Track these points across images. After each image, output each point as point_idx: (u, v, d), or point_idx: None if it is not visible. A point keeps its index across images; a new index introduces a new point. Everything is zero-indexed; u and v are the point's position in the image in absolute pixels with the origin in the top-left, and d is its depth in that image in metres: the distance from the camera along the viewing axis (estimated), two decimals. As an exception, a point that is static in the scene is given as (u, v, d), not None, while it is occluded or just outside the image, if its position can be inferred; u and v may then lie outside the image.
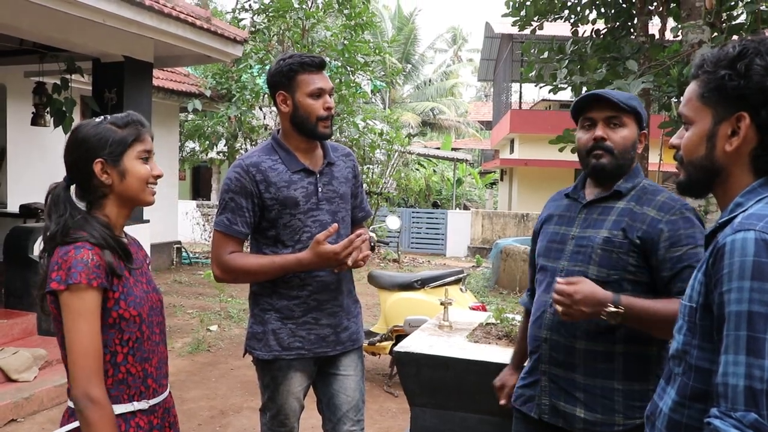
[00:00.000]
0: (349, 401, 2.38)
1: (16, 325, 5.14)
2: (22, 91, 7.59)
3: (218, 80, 10.68)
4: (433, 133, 31.34)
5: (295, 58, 2.25)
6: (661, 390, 1.32)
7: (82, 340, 1.50)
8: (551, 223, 1.98)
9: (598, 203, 1.89)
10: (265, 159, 2.29)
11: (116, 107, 6.05)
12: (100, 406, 1.50)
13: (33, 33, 5.55)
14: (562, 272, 1.84)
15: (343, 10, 10.41)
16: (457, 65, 35.46)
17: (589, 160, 1.86)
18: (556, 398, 1.83)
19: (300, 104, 2.25)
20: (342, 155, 2.47)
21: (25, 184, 8.06)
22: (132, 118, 1.67)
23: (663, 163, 10.11)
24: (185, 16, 5.87)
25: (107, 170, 1.62)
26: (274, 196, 2.25)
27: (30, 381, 4.51)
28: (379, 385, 5.08)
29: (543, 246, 1.97)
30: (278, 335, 2.30)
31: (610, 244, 1.79)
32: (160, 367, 1.71)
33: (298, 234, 2.28)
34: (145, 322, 1.64)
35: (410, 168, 18.54)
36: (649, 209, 1.81)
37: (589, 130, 1.86)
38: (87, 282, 1.50)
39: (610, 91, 1.87)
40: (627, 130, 1.84)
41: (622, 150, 1.83)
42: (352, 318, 2.42)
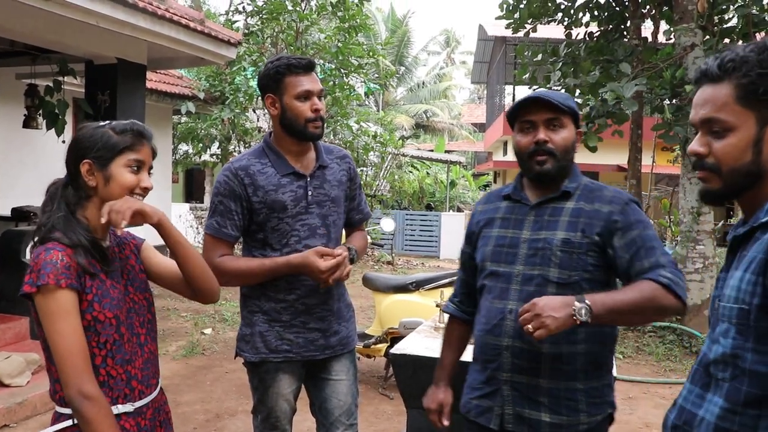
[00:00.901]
0: (342, 405, 2.37)
1: (8, 330, 5.11)
2: (14, 94, 7.54)
3: (211, 82, 10.64)
4: (427, 136, 31.36)
5: (282, 61, 2.25)
6: (696, 398, 1.26)
7: (65, 340, 1.50)
8: (493, 227, 1.94)
9: (546, 204, 1.87)
10: (255, 162, 2.29)
11: (109, 109, 6.03)
12: (95, 401, 1.50)
13: (25, 35, 5.52)
14: (518, 276, 1.82)
15: (337, 12, 10.41)
16: (451, 68, 35.54)
17: (532, 164, 1.84)
18: (521, 406, 1.80)
19: (288, 106, 2.24)
20: (337, 158, 2.43)
21: (16, 187, 8.01)
22: (132, 127, 1.66)
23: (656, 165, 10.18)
24: (179, 18, 5.85)
25: (93, 172, 1.63)
26: (262, 199, 2.25)
27: (23, 386, 4.48)
28: (374, 388, 5.07)
29: (490, 251, 1.91)
30: (265, 337, 2.30)
31: (569, 245, 1.78)
32: (147, 367, 1.69)
33: (286, 238, 2.27)
34: (123, 324, 1.63)
35: (404, 170, 18.55)
36: (600, 205, 1.82)
37: (529, 133, 1.84)
38: (55, 282, 1.49)
39: (549, 93, 1.85)
40: (566, 130, 1.84)
41: (563, 151, 1.83)
42: (343, 322, 2.40)
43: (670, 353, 6.37)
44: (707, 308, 6.57)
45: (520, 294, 1.80)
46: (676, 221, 8.23)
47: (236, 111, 9.97)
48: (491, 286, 1.88)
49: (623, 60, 6.88)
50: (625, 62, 6.64)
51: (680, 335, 6.70)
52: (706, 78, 1.27)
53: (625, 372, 5.75)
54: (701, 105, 1.27)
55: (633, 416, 4.75)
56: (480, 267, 1.94)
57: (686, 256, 6.79)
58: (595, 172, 20.62)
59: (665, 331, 6.82)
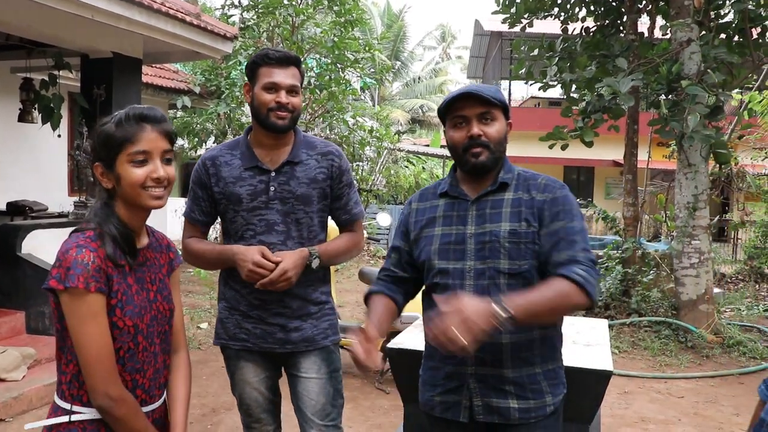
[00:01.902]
0: (313, 405, 2.33)
1: (4, 324, 5.10)
2: (9, 88, 7.51)
3: (207, 77, 10.62)
4: (422, 130, 31.36)
5: (261, 52, 2.29)
6: None
7: (93, 344, 1.48)
8: (435, 226, 1.93)
9: (485, 197, 1.89)
10: (225, 153, 2.35)
11: (105, 104, 6.02)
12: (124, 402, 1.52)
13: (20, 28, 5.50)
14: (470, 272, 1.83)
15: (333, 6, 10.39)
16: (446, 62, 35.48)
17: (467, 158, 1.86)
18: (488, 397, 1.84)
19: (255, 95, 2.27)
20: (318, 154, 2.35)
21: (12, 181, 7.98)
22: (130, 113, 1.55)
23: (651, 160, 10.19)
24: (175, 12, 5.83)
25: (106, 174, 1.57)
26: (221, 190, 2.30)
27: (18, 380, 4.47)
28: (370, 382, 5.08)
29: (436, 249, 1.90)
30: (225, 324, 2.38)
31: (516, 236, 1.81)
32: (155, 378, 1.65)
33: (241, 230, 2.30)
34: (141, 333, 1.59)
35: (399, 165, 18.55)
36: (536, 193, 1.86)
37: (462, 128, 1.86)
38: (84, 286, 1.45)
39: (479, 87, 1.87)
40: (498, 123, 1.87)
41: (497, 143, 1.86)
42: (308, 319, 2.33)
43: (666, 348, 6.39)
44: (703, 303, 6.66)
45: (475, 288, 1.82)
46: (671, 216, 8.25)
47: (232, 105, 9.95)
48: (444, 284, 1.88)
49: (619, 55, 6.88)
50: (621, 57, 6.64)
51: (676, 330, 6.73)
52: None
53: (621, 367, 5.77)
54: None
55: (629, 410, 4.77)
56: (427, 266, 1.93)
57: (682, 251, 6.81)
58: (591, 167, 20.68)
59: (661, 326, 6.84)
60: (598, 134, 6.83)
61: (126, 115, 1.54)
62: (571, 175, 21.20)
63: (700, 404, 4.96)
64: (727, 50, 6.44)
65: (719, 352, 6.33)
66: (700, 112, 5.89)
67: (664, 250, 8.16)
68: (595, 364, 2.47)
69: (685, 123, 6.03)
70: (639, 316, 7.17)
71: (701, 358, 6.18)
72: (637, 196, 8.39)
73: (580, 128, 6.77)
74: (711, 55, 6.34)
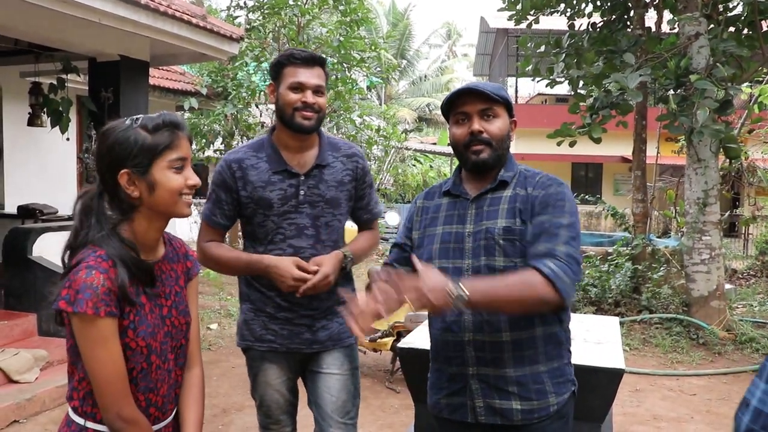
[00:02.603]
0: (334, 401, 2.31)
1: (16, 326, 5.13)
2: (18, 92, 7.55)
3: (214, 78, 10.63)
4: (429, 129, 31.32)
5: (286, 52, 2.27)
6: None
7: (104, 368, 1.44)
8: (437, 225, 1.92)
9: (484, 195, 1.87)
10: (251, 156, 2.30)
11: (113, 106, 6.04)
12: (136, 424, 1.48)
13: (28, 33, 5.52)
14: (468, 270, 1.81)
15: (339, 6, 10.38)
16: (452, 60, 35.43)
17: (468, 155, 1.84)
18: (490, 398, 1.80)
19: (280, 95, 2.24)
20: (343, 155, 2.37)
21: (22, 185, 8.03)
22: (165, 120, 1.51)
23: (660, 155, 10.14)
24: (181, 14, 5.84)
25: (134, 182, 1.48)
26: (249, 194, 2.26)
27: (31, 382, 4.51)
28: (380, 382, 5.08)
29: (437, 249, 1.88)
30: (250, 325, 2.34)
31: (510, 233, 1.78)
32: (169, 393, 1.61)
33: (271, 235, 2.27)
34: (155, 352, 1.54)
35: (407, 164, 18.55)
36: (532, 189, 1.84)
37: (464, 125, 1.84)
38: (94, 312, 1.39)
39: (481, 84, 1.84)
40: (500, 120, 1.84)
41: (499, 140, 1.83)
42: (335, 318, 2.33)
43: (677, 345, 6.36)
44: (714, 299, 6.61)
45: None
46: (681, 212, 8.20)
47: (239, 106, 9.97)
48: None
49: (627, 50, 6.84)
50: (628, 52, 6.60)
51: (687, 327, 6.69)
52: None
53: (632, 364, 5.74)
54: None
55: (640, 408, 4.75)
56: (432, 264, 1.87)
57: (692, 247, 6.77)
58: (599, 164, 20.59)
59: (672, 322, 6.81)
60: (606, 130, 6.80)
61: (162, 121, 1.50)
62: (580, 172, 21.12)
63: (712, 402, 4.93)
64: (737, 43, 6.39)
65: (731, 348, 6.29)
66: (710, 107, 5.84)
67: (674, 246, 8.12)
68: (607, 362, 2.46)
69: (695, 118, 5.99)
70: (650, 313, 7.13)
71: (713, 355, 6.14)
72: (647, 192, 8.35)
73: (588, 124, 6.74)
74: (720, 49, 6.29)
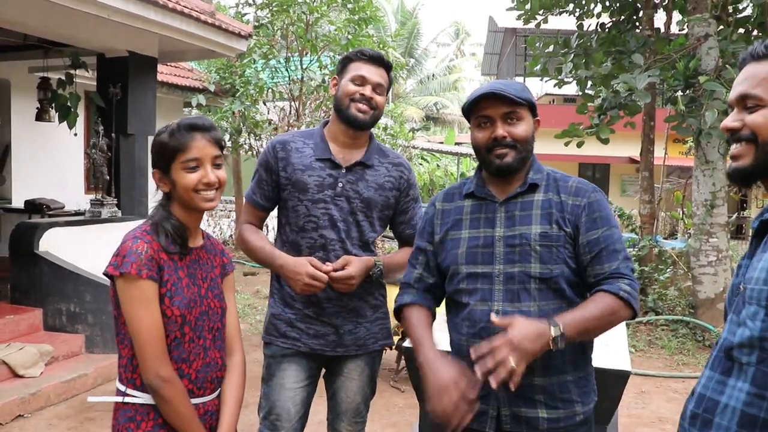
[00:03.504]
0: (348, 402, 2.35)
1: (22, 321, 5.15)
2: (27, 87, 7.59)
3: (222, 75, 10.63)
4: (437, 128, 31.29)
5: (356, 49, 2.32)
6: (716, 384, 1.24)
7: (145, 327, 1.61)
8: (461, 228, 1.86)
9: (514, 199, 1.82)
10: (298, 140, 2.32)
11: (121, 102, 6.06)
12: (172, 383, 1.64)
13: (38, 28, 5.54)
14: (500, 276, 1.77)
15: (347, 4, 10.37)
16: (460, 59, 35.37)
17: (491, 158, 1.79)
18: (516, 406, 1.76)
19: (341, 86, 2.27)
20: (390, 163, 2.36)
21: (29, 179, 8.07)
22: (182, 124, 1.70)
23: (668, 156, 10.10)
24: (189, 11, 5.85)
25: (163, 179, 1.73)
26: (288, 176, 2.27)
27: (36, 377, 4.52)
28: (385, 380, 5.08)
29: (463, 253, 1.83)
30: (276, 321, 2.31)
31: (547, 239, 1.75)
32: (205, 371, 1.74)
33: (302, 220, 2.26)
34: (188, 324, 1.69)
35: (414, 163, 18.53)
36: (567, 196, 1.80)
37: (487, 128, 1.79)
38: (137, 273, 1.60)
39: (504, 86, 1.78)
40: (525, 122, 1.79)
41: (524, 142, 1.78)
42: (364, 322, 2.32)
43: (683, 347, 6.33)
44: (721, 302, 6.57)
45: (504, 294, 1.76)
46: (689, 214, 8.17)
47: (246, 104, 9.96)
48: (472, 289, 1.81)
49: (636, 51, 6.81)
50: (637, 53, 6.58)
51: (693, 329, 6.66)
52: (750, 58, 1.27)
53: (638, 366, 5.72)
54: (740, 83, 1.27)
55: (646, 410, 4.73)
56: (452, 271, 1.86)
57: (700, 249, 6.74)
58: (607, 164, 20.53)
59: (678, 324, 6.78)
60: (614, 131, 6.77)
61: (178, 125, 1.70)
62: (587, 172, 21.05)
63: (718, 404, 4.91)
64: (746, 45, 6.35)
65: (737, 351, 6.25)
66: (718, 108, 5.81)
67: (681, 247, 8.09)
68: (613, 364, 2.44)
69: (703, 119, 5.96)
70: (656, 315, 7.11)
71: (719, 357, 6.11)
72: (654, 194, 8.31)
73: (595, 125, 6.72)
74: (729, 50, 6.26)
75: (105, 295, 5.24)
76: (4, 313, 5.16)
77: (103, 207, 5.94)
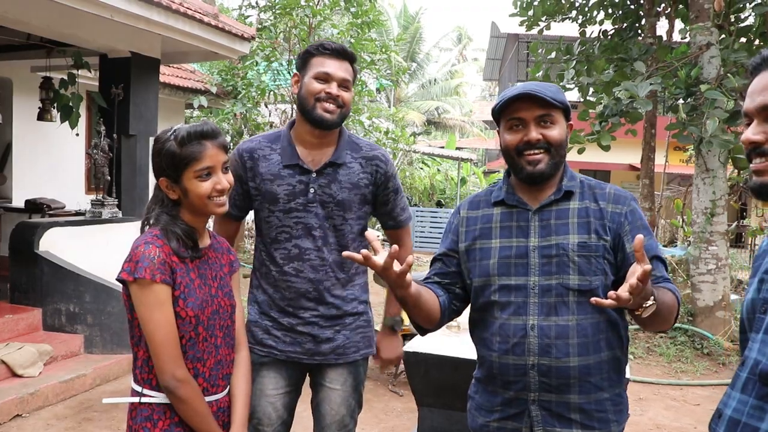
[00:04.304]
0: (333, 414, 2.25)
1: (21, 321, 5.15)
2: (29, 86, 7.59)
3: (224, 77, 10.66)
4: (438, 132, 31.31)
5: (317, 42, 2.17)
6: (752, 410, 1.15)
7: (160, 330, 1.65)
8: (491, 237, 1.77)
9: (548, 207, 1.73)
10: (264, 146, 2.21)
11: (123, 103, 6.07)
12: (187, 384, 1.68)
13: (41, 28, 5.55)
14: (535, 288, 1.69)
15: (350, 8, 10.40)
16: (462, 64, 35.42)
17: (522, 163, 1.70)
18: (551, 425, 1.69)
19: (304, 85, 2.13)
20: (362, 157, 2.22)
21: (30, 179, 8.07)
22: (192, 132, 1.70)
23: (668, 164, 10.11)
24: (193, 13, 5.87)
25: (172, 187, 1.74)
26: (257, 186, 2.17)
27: (35, 376, 4.52)
28: (384, 384, 5.08)
29: (495, 263, 1.73)
30: (253, 328, 2.24)
31: (586, 249, 1.67)
32: (217, 369, 1.79)
33: (275, 231, 2.17)
34: (202, 324, 1.73)
35: (415, 167, 18.53)
36: (605, 204, 1.73)
37: (519, 131, 1.69)
38: (151, 277, 1.63)
39: (539, 87, 1.68)
40: (559, 126, 1.71)
41: (558, 146, 1.70)
42: (342, 330, 2.22)
43: (682, 354, 6.33)
44: (720, 310, 6.58)
45: (540, 308, 1.68)
46: (688, 221, 8.17)
47: (248, 106, 9.99)
48: (505, 302, 1.72)
49: (638, 59, 6.82)
50: (639, 61, 6.59)
51: (692, 336, 6.66)
52: (766, 64, 1.18)
53: (636, 373, 5.72)
54: (759, 92, 1.17)
55: (644, 417, 4.73)
56: (483, 283, 1.76)
57: (699, 257, 6.74)
58: (607, 171, 20.53)
59: (676, 332, 6.78)
60: (615, 138, 6.78)
61: (188, 134, 1.70)
62: (587, 179, 21.04)
63: (716, 412, 4.90)
64: (748, 54, 6.36)
65: (736, 359, 6.25)
66: (719, 117, 5.82)
67: (680, 255, 8.08)
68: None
69: (704, 127, 5.97)
70: (654, 322, 7.10)
71: (717, 366, 6.11)
72: (654, 201, 8.33)
73: (597, 132, 6.72)
74: (731, 59, 6.27)
75: (104, 296, 5.24)
76: (3, 312, 5.16)
77: (103, 207, 5.95)
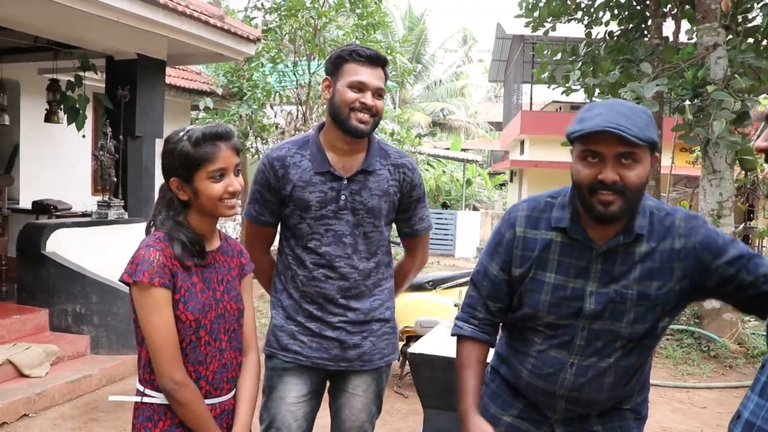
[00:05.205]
0: (353, 420, 2.24)
1: (28, 321, 5.17)
2: (36, 88, 7.63)
3: (230, 79, 10.68)
4: (443, 134, 31.31)
5: (349, 47, 2.12)
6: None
7: (158, 333, 1.64)
8: (547, 270, 1.65)
9: (615, 250, 1.60)
10: (294, 153, 2.17)
11: (129, 105, 6.09)
12: (186, 386, 1.67)
13: (48, 30, 5.58)
14: (584, 331, 1.62)
15: (355, 9, 10.40)
16: (468, 66, 35.40)
17: (593, 202, 1.52)
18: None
19: (337, 92, 2.10)
20: (391, 164, 2.21)
21: (37, 180, 8.10)
22: (206, 134, 1.69)
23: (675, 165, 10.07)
24: (198, 14, 5.88)
25: (183, 188, 1.72)
26: (289, 194, 2.15)
27: (42, 377, 4.54)
28: (389, 386, 5.06)
29: (547, 301, 1.64)
30: (279, 333, 2.21)
31: (646, 300, 1.58)
32: (221, 372, 1.77)
33: (306, 238, 2.16)
34: (204, 328, 1.72)
35: (420, 168, 18.54)
36: (678, 240, 1.59)
37: (594, 166, 1.50)
38: (149, 281, 1.63)
39: (625, 121, 1.46)
40: (642, 166, 1.50)
41: (635, 190, 1.50)
42: (369, 336, 2.20)
43: (688, 357, 6.30)
44: (727, 312, 6.54)
45: (584, 350, 1.63)
46: (695, 223, 8.12)
47: (254, 107, 10.00)
48: (551, 334, 1.67)
49: (644, 60, 6.80)
50: (645, 62, 6.57)
51: (698, 339, 6.63)
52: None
53: (642, 374, 5.70)
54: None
55: (650, 420, 4.67)
56: (530, 314, 1.69)
57: (705, 259, 6.71)
58: (613, 173, 20.47)
59: (683, 334, 6.75)
60: (621, 139, 6.75)
61: (203, 134, 1.69)
62: (593, 180, 20.99)
63: (723, 415, 4.88)
64: (755, 55, 6.34)
65: (743, 362, 6.23)
66: (726, 118, 5.80)
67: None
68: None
69: (711, 129, 5.95)
70: (661, 324, 7.07)
71: (724, 368, 6.08)
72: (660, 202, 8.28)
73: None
74: (738, 60, 6.25)
75: (110, 297, 5.25)
76: (10, 312, 5.19)
77: (109, 209, 5.97)
